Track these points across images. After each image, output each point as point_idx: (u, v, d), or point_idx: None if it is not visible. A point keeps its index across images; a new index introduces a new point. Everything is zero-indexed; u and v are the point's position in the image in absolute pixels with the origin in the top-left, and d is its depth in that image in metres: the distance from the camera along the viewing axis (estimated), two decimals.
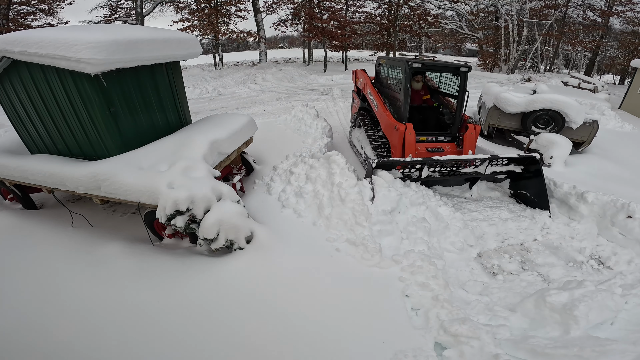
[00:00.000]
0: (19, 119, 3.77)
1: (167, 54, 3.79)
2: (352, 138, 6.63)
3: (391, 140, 4.88)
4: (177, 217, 2.89)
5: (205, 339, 2.32)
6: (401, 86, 4.72)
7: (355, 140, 6.35)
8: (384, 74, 5.86)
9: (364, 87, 6.08)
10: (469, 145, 4.81)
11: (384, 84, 5.85)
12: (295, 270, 2.85)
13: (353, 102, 7.10)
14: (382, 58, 5.90)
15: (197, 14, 17.96)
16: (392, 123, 4.73)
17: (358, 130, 6.21)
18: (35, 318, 2.51)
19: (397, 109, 4.93)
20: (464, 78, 4.67)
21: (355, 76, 6.86)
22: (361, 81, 6.33)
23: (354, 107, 6.90)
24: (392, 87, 5.40)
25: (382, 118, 5.15)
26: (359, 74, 6.61)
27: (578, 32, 22.16)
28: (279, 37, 47.29)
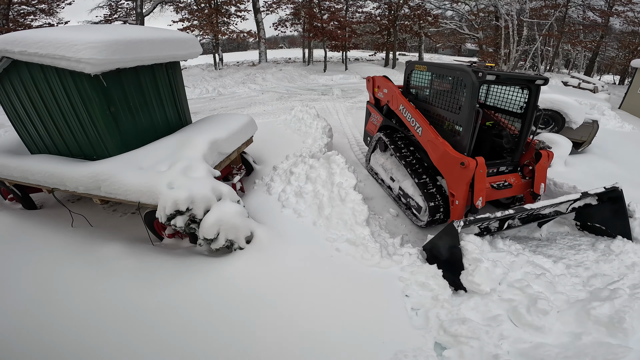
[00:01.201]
0: (19, 119, 3.77)
1: (167, 54, 3.79)
2: (374, 164, 5.22)
3: (450, 177, 3.57)
4: (177, 217, 2.90)
5: (205, 339, 2.32)
6: (459, 104, 3.60)
7: (379, 167, 5.02)
8: (422, 83, 4.47)
9: (392, 100, 4.65)
10: (540, 177, 3.75)
11: (422, 97, 4.49)
12: (295, 270, 2.85)
13: (369, 117, 5.55)
14: (419, 63, 4.38)
15: (197, 14, 17.94)
16: (454, 157, 3.40)
17: (382, 156, 4.97)
18: (35, 318, 2.51)
19: (451, 134, 3.72)
20: (536, 93, 3.63)
21: (372, 84, 5.30)
22: (385, 92, 4.91)
23: (371, 124, 5.46)
24: (435, 102, 4.06)
25: (432, 147, 3.77)
26: (379, 82, 5.12)
27: (578, 32, 22.15)
28: (279, 37, 47.34)
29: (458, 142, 3.59)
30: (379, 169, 5.03)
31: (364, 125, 5.77)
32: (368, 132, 5.61)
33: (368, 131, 5.61)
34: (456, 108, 3.67)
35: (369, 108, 5.58)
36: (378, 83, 5.18)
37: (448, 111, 3.81)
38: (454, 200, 3.53)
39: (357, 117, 8.96)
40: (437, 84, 4.14)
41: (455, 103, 3.70)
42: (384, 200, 4.71)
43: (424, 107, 4.24)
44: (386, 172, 4.79)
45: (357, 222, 3.34)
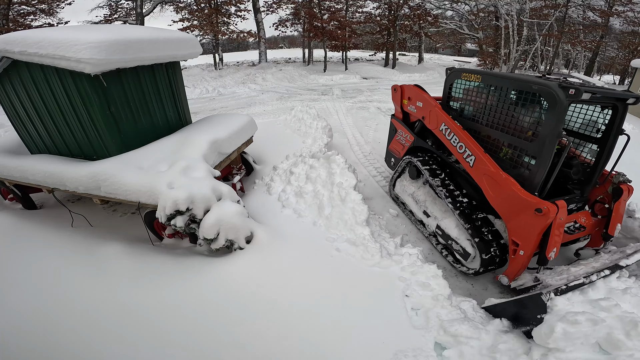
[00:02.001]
0: (19, 118, 3.77)
1: (167, 54, 3.79)
2: (400, 192, 4.36)
3: (515, 223, 2.80)
4: (177, 217, 2.89)
5: (205, 339, 2.32)
6: (532, 128, 2.83)
7: (407, 197, 4.18)
8: (472, 97, 3.50)
9: (430, 117, 3.78)
10: (618, 216, 3.05)
11: (468, 114, 3.56)
12: (295, 270, 2.85)
13: (394, 134, 4.64)
14: (468, 71, 3.46)
15: (197, 14, 17.93)
16: (527, 201, 2.64)
17: (413, 184, 4.13)
18: (35, 317, 2.51)
19: (510, 164, 3.02)
20: (623, 113, 2.89)
21: (401, 95, 4.37)
22: (419, 106, 4.00)
23: (397, 143, 4.56)
24: (490, 123, 3.22)
25: (490, 183, 2.99)
26: (410, 92, 4.21)
27: (578, 32, 22.14)
28: (279, 37, 47.35)
29: (527, 178, 2.79)
30: (408, 199, 4.15)
31: (387, 144, 4.85)
32: (392, 152, 4.69)
33: (392, 151, 4.69)
34: (526, 132, 2.83)
35: (394, 124, 4.63)
36: (409, 94, 4.20)
37: (512, 136, 2.96)
38: (516, 250, 2.80)
39: (357, 117, 8.97)
40: (495, 99, 3.19)
41: (524, 126, 2.85)
42: (384, 200, 4.70)
43: (470, 127, 3.40)
44: (417, 205, 3.93)
45: (357, 222, 3.34)
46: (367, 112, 9.58)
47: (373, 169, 5.69)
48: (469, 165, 3.21)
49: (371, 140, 7.14)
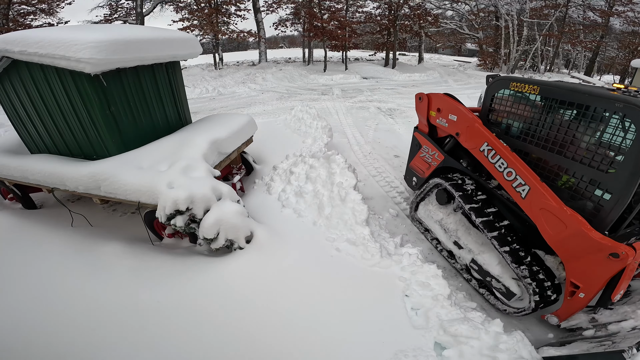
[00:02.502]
0: (19, 118, 3.77)
1: (168, 53, 3.79)
2: (424, 217, 3.80)
3: (579, 265, 2.41)
4: (177, 217, 2.89)
5: (205, 339, 2.32)
6: (607, 155, 2.34)
7: (433, 224, 3.64)
8: (523, 112, 2.92)
9: (468, 134, 3.19)
10: None
11: (516, 132, 2.97)
12: (295, 270, 2.85)
13: (417, 149, 4.02)
14: (518, 80, 2.88)
15: (197, 14, 17.93)
16: (599, 243, 2.21)
17: (441, 210, 3.57)
18: (35, 317, 2.51)
19: (569, 195, 2.53)
20: None
21: (428, 105, 3.74)
22: (453, 120, 3.39)
23: (421, 161, 3.95)
24: (547, 145, 2.67)
25: (548, 219, 2.49)
26: (441, 103, 3.56)
27: (578, 32, 22.14)
28: (279, 36, 47.29)
29: (597, 214, 2.33)
30: (434, 227, 3.60)
31: (408, 160, 4.23)
32: (414, 170, 4.11)
33: (415, 169, 4.10)
34: (600, 161, 2.32)
35: (418, 138, 3.99)
36: (438, 104, 3.55)
37: (579, 163, 2.44)
38: (576, 292, 2.44)
39: (357, 117, 8.97)
40: (557, 117, 2.65)
41: (597, 153, 2.34)
42: (384, 200, 4.70)
43: (519, 147, 2.86)
44: (446, 234, 3.41)
45: (357, 222, 3.34)
46: (367, 112, 9.58)
47: (373, 168, 5.69)
48: (519, 196, 2.66)
49: (371, 140, 7.14)
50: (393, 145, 6.81)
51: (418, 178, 4.10)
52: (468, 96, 12.15)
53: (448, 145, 3.62)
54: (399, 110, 9.86)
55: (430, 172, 3.81)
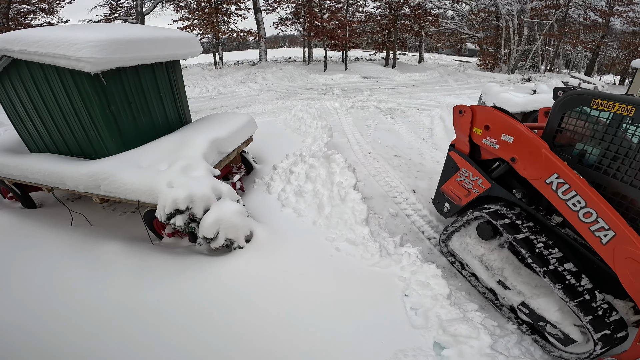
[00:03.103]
0: (19, 117, 3.77)
1: (168, 53, 3.79)
2: (459, 250, 3.27)
3: None
4: (177, 216, 2.90)
5: (204, 338, 2.32)
6: None
7: (471, 259, 3.12)
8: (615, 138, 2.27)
9: (529, 161, 2.55)
10: None
11: (600, 163, 2.36)
12: (294, 270, 2.85)
13: (453, 172, 3.38)
14: (605, 98, 2.28)
15: (197, 13, 17.93)
16: None
17: (483, 245, 3.04)
18: (35, 317, 2.51)
19: None
20: None
21: (472, 121, 3.05)
22: (508, 141, 2.71)
23: (457, 186, 3.34)
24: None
25: (637, 270, 2.07)
26: (491, 119, 2.86)
27: (579, 32, 22.14)
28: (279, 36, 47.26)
29: None
30: (472, 262, 3.10)
31: (439, 182, 3.62)
32: (447, 195, 3.50)
33: (448, 194, 3.49)
34: None
35: (454, 159, 3.34)
36: (487, 120, 2.86)
37: None
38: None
39: (357, 117, 8.97)
40: None
41: None
42: (384, 199, 4.70)
43: (595, 180, 2.36)
44: (489, 271, 2.93)
45: (356, 222, 3.34)
46: (367, 112, 9.58)
47: (373, 168, 5.69)
48: (598, 242, 2.20)
49: (371, 140, 7.14)
50: (393, 145, 6.81)
51: (452, 205, 3.46)
52: (468, 96, 12.16)
53: (497, 171, 2.94)
54: (399, 110, 9.86)
55: (470, 200, 3.20)
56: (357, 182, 3.90)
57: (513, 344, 2.50)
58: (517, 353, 2.42)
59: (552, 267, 2.38)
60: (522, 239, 2.54)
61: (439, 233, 3.96)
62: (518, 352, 2.44)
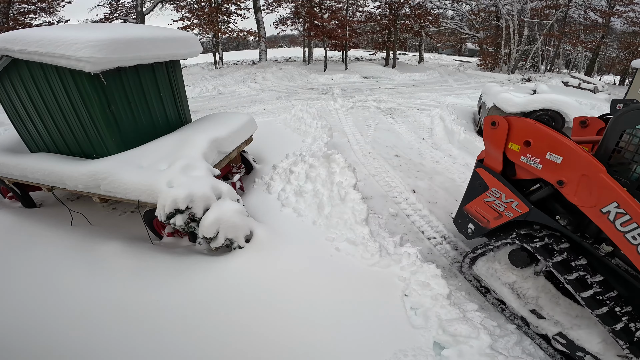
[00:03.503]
0: (19, 117, 3.77)
1: (168, 52, 3.79)
2: (486, 275, 2.98)
3: None
4: (177, 216, 2.89)
5: (204, 339, 2.32)
6: None
7: (499, 285, 2.84)
8: None
9: (583, 186, 2.16)
10: None
11: None
12: (294, 270, 2.85)
13: (481, 191, 2.96)
14: None
15: (197, 13, 17.93)
16: None
17: (515, 272, 2.78)
18: (34, 317, 2.51)
19: None
20: None
21: (508, 134, 2.60)
22: (556, 162, 2.29)
23: (485, 207, 2.96)
24: None
25: None
26: (534, 134, 2.43)
27: (579, 32, 22.14)
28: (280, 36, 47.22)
29: None
30: (501, 289, 2.84)
31: (462, 201, 3.22)
32: (472, 215, 3.11)
33: (472, 215, 3.11)
34: None
35: (482, 177, 2.92)
36: (528, 135, 2.44)
37: None
38: None
39: (357, 117, 8.96)
40: None
41: None
42: (383, 199, 4.70)
43: None
44: (521, 299, 2.70)
45: (356, 221, 3.34)
46: (367, 112, 9.58)
47: (373, 168, 5.69)
48: None
49: (371, 140, 7.14)
50: (393, 145, 6.81)
51: (477, 227, 3.09)
52: (468, 96, 12.17)
53: (538, 194, 2.55)
54: (399, 110, 9.86)
55: (500, 224, 2.84)
56: (357, 182, 3.90)
57: (513, 343, 2.50)
58: (518, 353, 2.42)
59: (593, 292, 2.18)
60: (562, 265, 2.28)
61: (438, 233, 3.97)
62: (518, 352, 2.44)
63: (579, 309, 2.45)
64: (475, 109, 9.11)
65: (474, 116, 8.67)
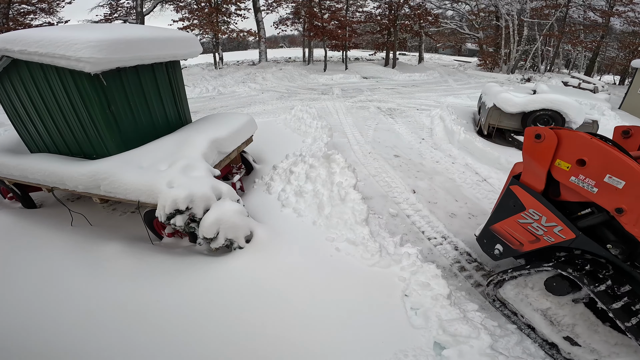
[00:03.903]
0: (19, 117, 3.77)
1: (168, 53, 3.79)
2: (514, 300, 2.74)
3: None
4: (177, 216, 2.89)
5: (204, 339, 2.32)
6: None
7: (530, 311, 2.63)
8: None
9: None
10: None
11: None
12: (295, 270, 2.85)
13: (515, 211, 2.61)
14: None
15: (197, 13, 17.93)
16: None
17: (551, 298, 2.52)
18: (34, 317, 2.51)
19: None
20: None
21: (555, 150, 2.23)
22: (617, 187, 1.94)
23: (520, 229, 2.61)
24: None
25: None
26: (591, 151, 2.04)
27: (579, 32, 22.14)
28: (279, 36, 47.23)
29: None
30: (531, 315, 2.63)
31: (490, 219, 2.90)
32: (502, 236, 2.79)
33: (502, 235, 2.78)
34: None
35: (518, 195, 2.57)
36: (583, 153, 2.10)
37: None
38: None
39: (357, 117, 8.96)
40: None
41: None
42: (384, 199, 4.70)
43: None
44: (554, 326, 2.51)
45: (356, 222, 3.34)
46: (367, 112, 9.58)
47: (373, 168, 5.69)
48: None
49: (371, 140, 7.14)
50: (393, 145, 6.81)
51: (507, 249, 2.78)
52: (468, 96, 12.17)
53: (588, 220, 2.25)
54: (399, 110, 9.86)
55: (537, 248, 2.54)
56: (357, 182, 3.90)
57: (513, 344, 2.49)
58: (518, 353, 2.42)
59: (639, 320, 2.01)
60: (607, 294, 2.07)
61: (439, 233, 3.96)
62: (519, 352, 2.44)
63: (618, 337, 2.27)
64: (475, 109, 9.11)
65: (474, 116, 8.67)
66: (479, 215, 4.32)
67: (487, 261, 3.49)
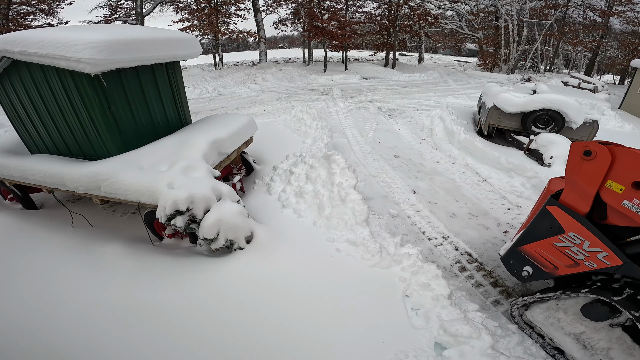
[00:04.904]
0: (19, 118, 3.77)
1: (168, 54, 3.79)
2: (542, 323, 2.59)
3: None
4: (177, 217, 2.89)
5: (205, 339, 2.32)
6: None
7: (560, 334, 2.50)
8: None
9: None
10: None
11: None
12: (295, 271, 2.85)
13: (552, 232, 2.34)
14: None
15: (197, 14, 17.95)
16: None
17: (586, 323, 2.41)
18: (35, 318, 2.51)
19: None
20: None
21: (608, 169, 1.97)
22: None
23: (556, 252, 2.35)
24: None
25: None
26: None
27: (578, 32, 22.16)
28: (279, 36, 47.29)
29: None
30: (562, 339, 2.52)
31: (519, 239, 2.62)
32: (533, 258, 2.56)
33: (533, 257, 2.56)
34: None
35: (557, 217, 2.33)
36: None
37: None
38: None
39: (357, 117, 8.97)
40: None
41: None
42: (384, 200, 4.70)
43: None
44: (587, 350, 2.40)
45: (357, 222, 3.34)
46: (367, 112, 9.58)
47: (373, 168, 5.69)
48: None
49: (371, 140, 7.14)
50: (393, 145, 6.81)
51: (538, 271, 2.57)
52: (468, 96, 12.18)
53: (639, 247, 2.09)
54: (399, 111, 9.87)
55: (574, 272, 2.34)
56: (358, 183, 3.90)
57: (514, 344, 2.49)
58: (519, 353, 2.42)
59: None
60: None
61: (439, 233, 3.96)
62: (520, 352, 2.44)
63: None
64: (475, 109, 9.12)
65: (474, 116, 8.67)
66: (479, 216, 4.32)
67: (487, 261, 3.49)
